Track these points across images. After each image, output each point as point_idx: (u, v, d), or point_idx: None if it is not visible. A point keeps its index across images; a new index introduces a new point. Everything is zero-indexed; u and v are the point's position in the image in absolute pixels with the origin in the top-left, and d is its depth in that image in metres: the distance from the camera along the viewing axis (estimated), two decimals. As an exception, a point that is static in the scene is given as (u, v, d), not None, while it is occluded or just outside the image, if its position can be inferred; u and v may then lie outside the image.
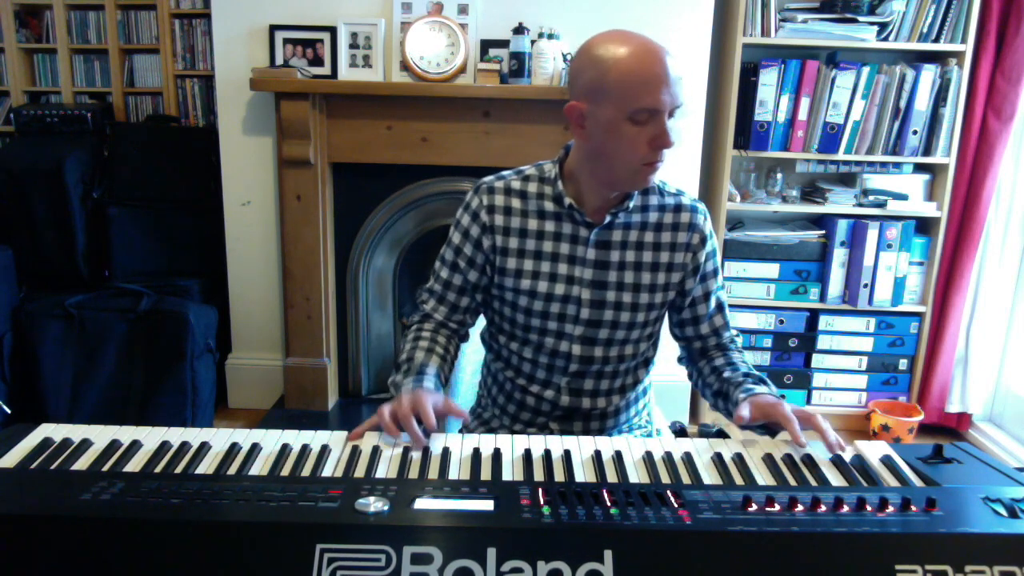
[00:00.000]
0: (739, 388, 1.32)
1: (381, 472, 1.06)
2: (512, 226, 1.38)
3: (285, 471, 1.05)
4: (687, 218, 1.38)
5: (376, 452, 1.10)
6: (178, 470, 1.04)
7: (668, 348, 1.53)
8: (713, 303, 1.43)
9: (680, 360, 1.54)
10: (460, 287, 1.42)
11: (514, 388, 1.48)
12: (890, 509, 0.90)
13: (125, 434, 1.13)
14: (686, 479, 1.05)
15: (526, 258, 1.38)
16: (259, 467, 1.06)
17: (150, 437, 1.13)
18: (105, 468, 1.04)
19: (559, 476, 1.06)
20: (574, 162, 1.36)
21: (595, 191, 1.34)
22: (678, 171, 2.90)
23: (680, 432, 1.24)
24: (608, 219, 1.34)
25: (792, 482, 1.04)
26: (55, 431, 1.14)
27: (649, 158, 1.24)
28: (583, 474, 1.07)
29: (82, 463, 1.06)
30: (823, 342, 3.02)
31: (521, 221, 1.38)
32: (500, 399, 1.51)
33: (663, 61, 1.20)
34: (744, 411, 1.22)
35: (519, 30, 2.70)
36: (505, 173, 1.42)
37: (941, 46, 2.78)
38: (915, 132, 2.85)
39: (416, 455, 1.10)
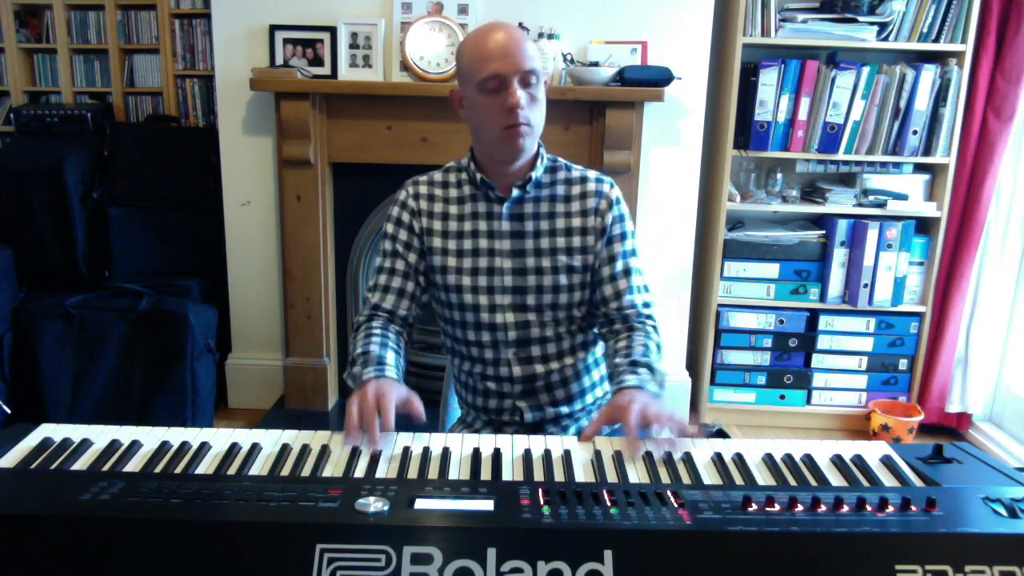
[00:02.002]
0: (617, 378, 1.33)
1: (381, 472, 1.06)
2: (435, 210, 1.50)
3: (285, 471, 1.05)
4: (593, 187, 1.48)
5: (376, 452, 1.10)
6: (178, 470, 1.04)
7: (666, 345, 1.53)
8: (619, 266, 1.46)
9: (599, 335, 1.55)
10: (403, 272, 1.50)
11: (475, 380, 1.54)
12: (890, 509, 0.90)
13: (125, 434, 1.13)
14: (686, 479, 1.05)
15: (449, 238, 1.48)
16: (259, 467, 1.06)
17: (150, 437, 1.13)
18: (105, 468, 1.04)
19: (559, 476, 1.06)
20: (473, 145, 1.49)
21: (495, 168, 1.45)
22: (678, 171, 2.91)
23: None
24: (517, 192, 1.44)
25: (792, 482, 1.04)
26: (55, 431, 1.14)
27: (506, 121, 1.34)
28: (583, 474, 1.07)
29: (82, 463, 1.06)
30: (823, 342, 3.02)
31: (443, 206, 1.49)
32: (469, 397, 1.58)
33: (502, 33, 1.33)
34: (591, 429, 1.20)
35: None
36: (431, 171, 1.55)
37: (941, 46, 2.78)
38: (915, 132, 2.84)
39: (416, 453, 1.10)
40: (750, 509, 0.90)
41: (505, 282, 1.45)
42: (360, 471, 1.06)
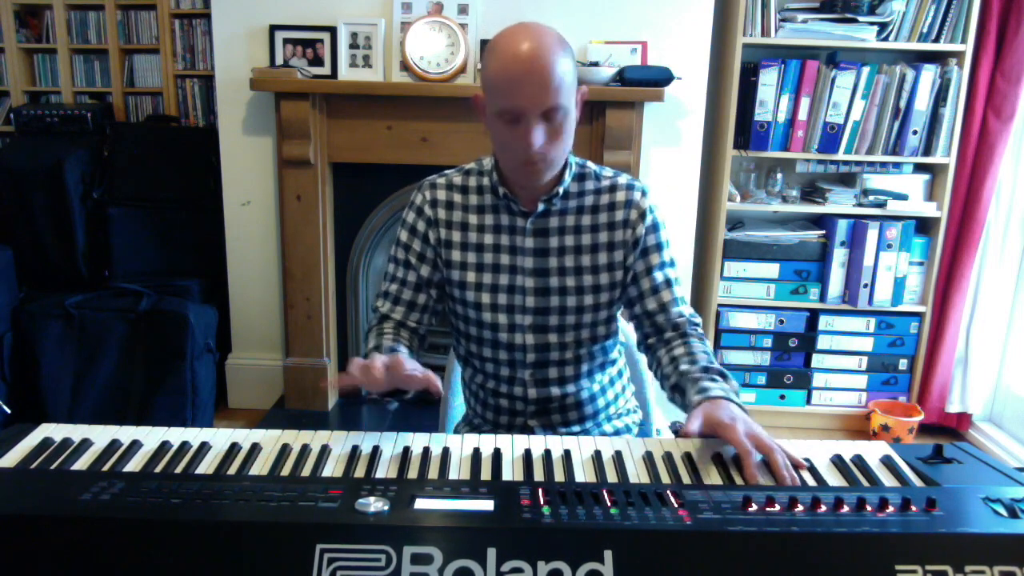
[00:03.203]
0: (695, 386, 1.23)
1: (381, 472, 1.06)
2: (454, 220, 1.40)
3: (285, 471, 1.05)
4: (623, 196, 1.38)
5: (376, 452, 1.10)
6: (178, 470, 1.04)
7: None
8: (659, 277, 1.38)
9: (639, 346, 1.49)
10: (415, 284, 1.43)
11: (486, 394, 1.49)
12: (890, 509, 0.90)
13: (125, 434, 1.13)
14: (686, 479, 1.05)
15: (469, 251, 1.40)
16: (259, 467, 1.06)
17: (150, 437, 1.13)
18: (105, 468, 1.04)
19: (559, 476, 1.06)
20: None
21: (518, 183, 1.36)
22: (678, 171, 2.91)
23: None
24: (542, 207, 1.36)
25: (792, 482, 1.04)
26: (55, 431, 1.14)
27: (521, 156, 1.24)
28: (583, 474, 1.07)
29: (82, 463, 1.06)
30: (823, 342, 3.02)
31: (462, 215, 1.40)
32: (479, 408, 1.53)
33: (530, 63, 1.19)
34: (694, 427, 1.12)
35: (519, 30, 2.69)
36: (448, 171, 1.44)
37: (941, 46, 2.78)
38: (915, 132, 2.84)
39: (416, 453, 1.10)
40: (750, 509, 0.90)
41: (527, 303, 1.38)
42: (360, 471, 1.06)
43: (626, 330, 1.56)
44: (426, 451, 1.10)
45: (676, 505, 0.90)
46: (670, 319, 1.39)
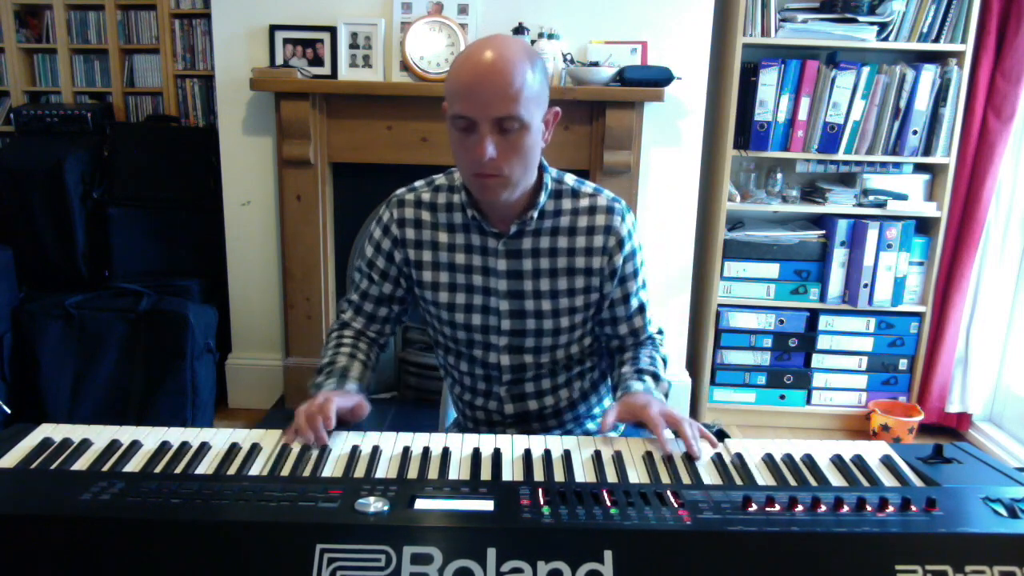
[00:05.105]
0: (623, 384, 1.30)
1: (381, 472, 1.06)
2: (424, 239, 1.36)
3: (285, 471, 1.05)
4: (603, 220, 1.32)
5: (376, 452, 1.10)
6: (178, 470, 1.04)
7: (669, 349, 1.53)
8: (633, 304, 1.39)
9: (604, 353, 1.53)
10: (376, 298, 1.43)
11: (464, 405, 1.50)
12: (890, 509, 0.90)
13: (125, 434, 1.14)
14: (686, 479, 1.05)
15: (441, 270, 1.37)
16: (259, 467, 1.06)
17: (150, 437, 1.13)
18: (105, 468, 1.04)
19: (559, 476, 1.06)
20: None
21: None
22: (678, 171, 2.91)
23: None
24: (515, 229, 1.31)
25: (792, 482, 1.04)
26: (55, 431, 1.14)
27: (473, 168, 1.20)
28: (583, 474, 1.07)
29: (82, 463, 1.06)
30: (823, 342, 3.02)
31: (432, 234, 1.36)
32: (461, 418, 1.55)
33: (486, 67, 1.14)
34: (609, 418, 1.19)
35: (519, 30, 2.69)
36: (417, 184, 1.40)
37: (941, 46, 2.78)
38: (915, 132, 2.84)
39: (416, 453, 1.10)
40: (750, 509, 0.90)
41: (502, 325, 1.37)
42: (360, 471, 1.06)
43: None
44: (426, 451, 1.10)
45: (676, 505, 0.90)
46: (638, 340, 1.43)
